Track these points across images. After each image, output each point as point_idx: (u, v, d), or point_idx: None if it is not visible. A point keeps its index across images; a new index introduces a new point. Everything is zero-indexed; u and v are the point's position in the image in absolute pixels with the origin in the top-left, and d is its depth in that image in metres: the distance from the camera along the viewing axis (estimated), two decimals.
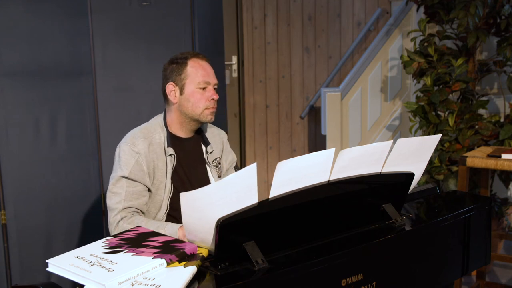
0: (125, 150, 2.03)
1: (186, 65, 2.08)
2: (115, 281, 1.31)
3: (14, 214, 2.85)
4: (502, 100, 3.86)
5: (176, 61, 2.10)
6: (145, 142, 2.04)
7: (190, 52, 2.14)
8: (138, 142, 2.03)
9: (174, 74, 2.09)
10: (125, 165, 2.01)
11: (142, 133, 2.07)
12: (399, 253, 1.70)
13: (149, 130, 2.09)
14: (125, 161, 2.01)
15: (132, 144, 2.03)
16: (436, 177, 3.44)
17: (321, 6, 4.63)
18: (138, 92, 3.15)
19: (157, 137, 2.08)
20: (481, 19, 3.38)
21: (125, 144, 2.04)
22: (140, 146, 2.03)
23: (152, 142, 2.06)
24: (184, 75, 2.07)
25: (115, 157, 2.08)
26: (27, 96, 2.86)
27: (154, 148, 2.06)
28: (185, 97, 2.08)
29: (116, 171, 2.04)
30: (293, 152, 4.81)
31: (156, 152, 2.06)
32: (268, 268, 1.42)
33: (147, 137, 2.06)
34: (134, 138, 2.05)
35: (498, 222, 3.68)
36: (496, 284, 3.27)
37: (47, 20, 2.87)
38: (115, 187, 2.01)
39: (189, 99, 2.07)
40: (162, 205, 2.07)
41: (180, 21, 3.19)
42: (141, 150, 2.02)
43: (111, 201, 2.02)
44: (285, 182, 1.46)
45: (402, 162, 1.72)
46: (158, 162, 2.05)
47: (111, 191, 2.02)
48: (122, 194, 1.99)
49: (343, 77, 4.59)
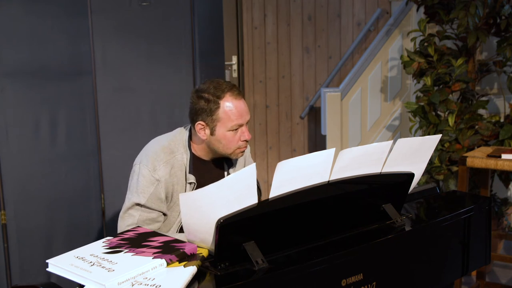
0: (144, 175, 1.93)
1: (219, 107, 1.90)
2: (115, 281, 1.31)
3: (14, 214, 2.85)
4: (502, 100, 3.86)
5: (207, 98, 1.91)
6: (167, 167, 1.95)
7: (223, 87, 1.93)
8: (159, 167, 1.94)
9: (204, 114, 1.92)
10: (142, 192, 1.93)
11: (164, 155, 1.96)
12: (399, 253, 1.70)
13: (172, 150, 1.98)
14: (143, 187, 1.93)
15: (153, 170, 1.93)
16: (436, 177, 3.44)
17: (321, 6, 4.63)
18: (138, 92, 3.15)
19: (179, 158, 1.98)
20: (481, 19, 3.38)
21: (146, 168, 1.94)
22: (161, 173, 1.93)
23: (174, 166, 1.97)
24: (216, 117, 1.91)
25: (133, 175, 1.98)
26: (27, 96, 2.86)
27: (175, 172, 1.97)
28: (216, 138, 1.95)
29: (132, 195, 1.95)
30: (293, 152, 4.81)
31: (176, 176, 1.97)
32: (268, 268, 1.42)
33: (169, 161, 1.96)
34: (156, 161, 1.94)
35: (498, 222, 3.68)
36: (496, 284, 3.27)
37: (47, 20, 2.87)
38: (128, 211, 1.96)
39: (220, 140, 1.95)
40: (172, 226, 2.04)
41: (180, 21, 3.20)
42: (162, 178, 1.94)
43: (124, 222, 1.96)
44: (285, 182, 1.46)
45: (402, 162, 1.72)
46: (177, 186, 1.98)
47: (126, 212, 1.96)
48: (136, 218, 1.94)
49: (343, 77, 4.59)
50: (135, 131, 3.11)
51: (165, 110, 3.16)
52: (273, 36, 4.69)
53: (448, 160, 3.43)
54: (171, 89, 3.18)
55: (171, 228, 2.06)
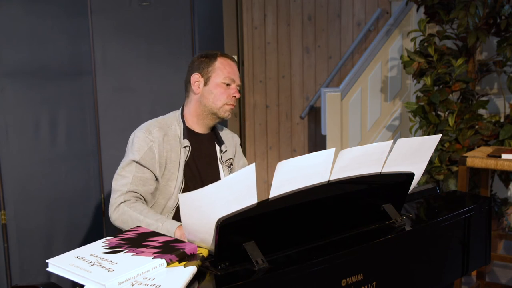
0: (139, 136, 2.06)
1: (216, 60, 2.14)
2: (115, 281, 1.31)
3: (14, 214, 2.85)
4: (502, 100, 3.86)
5: (206, 55, 2.16)
6: (161, 132, 2.08)
7: (220, 52, 2.20)
8: (153, 130, 2.07)
9: (201, 66, 2.14)
10: (137, 150, 2.04)
11: (158, 123, 2.11)
12: (399, 253, 1.70)
13: (166, 122, 2.14)
14: (138, 146, 2.04)
15: (148, 132, 2.06)
16: (436, 177, 3.44)
17: (321, 6, 4.63)
18: (138, 92, 3.15)
19: (173, 129, 2.12)
20: (481, 19, 3.38)
21: (140, 131, 2.08)
22: (155, 135, 2.06)
23: (167, 133, 2.10)
24: (212, 68, 2.13)
25: (129, 143, 2.10)
26: (27, 96, 2.86)
27: (169, 139, 2.09)
28: (208, 89, 2.12)
29: (127, 155, 2.06)
30: (293, 152, 4.81)
31: (170, 143, 2.09)
32: (268, 268, 1.42)
33: (163, 128, 2.10)
34: (150, 127, 2.08)
35: (498, 222, 3.68)
36: (496, 284, 3.27)
37: (47, 20, 2.87)
38: (124, 170, 2.04)
39: (212, 91, 2.12)
40: (172, 196, 2.08)
41: (180, 21, 3.20)
42: (156, 139, 2.06)
43: (117, 183, 2.03)
44: (285, 182, 1.46)
45: (402, 162, 1.72)
46: (171, 153, 2.08)
47: (119, 173, 2.04)
48: (130, 178, 2.01)
49: (343, 77, 4.59)
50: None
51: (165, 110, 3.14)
52: (273, 36, 4.69)
53: (448, 160, 3.43)
54: (171, 89, 3.18)
55: (170, 199, 2.09)
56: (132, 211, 1.94)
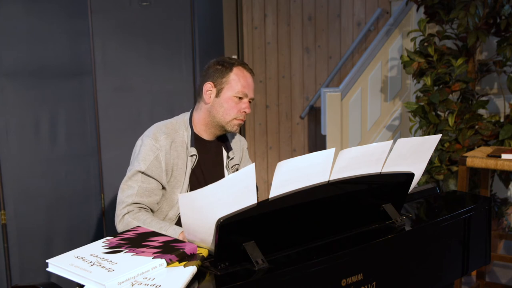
0: (146, 144, 2.02)
1: (231, 70, 2.05)
2: (115, 281, 1.31)
3: (14, 214, 2.85)
4: (502, 100, 3.86)
5: (222, 63, 2.07)
6: (168, 139, 2.03)
7: (238, 60, 2.11)
8: (161, 137, 2.02)
9: (216, 75, 2.06)
10: (143, 159, 2.00)
11: (166, 129, 2.06)
12: (399, 253, 1.70)
13: (174, 127, 2.08)
14: (144, 155, 2.00)
15: (155, 139, 2.02)
16: (436, 177, 3.44)
17: (321, 6, 4.63)
18: (138, 92, 3.15)
19: (181, 135, 2.07)
20: (481, 19, 3.38)
21: (148, 138, 2.03)
22: (162, 142, 2.02)
23: (175, 140, 2.05)
24: (226, 79, 2.05)
25: (135, 149, 2.07)
26: (27, 96, 2.86)
27: (176, 146, 2.05)
28: (219, 101, 2.06)
29: (133, 164, 2.03)
30: (293, 152, 4.81)
31: (177, 150, 2.05)
32: (268, 268, 1.42)
33: (170, 134, 2.05)
34: (158, 133, 2.03)
35: (498, 222, 3.68)
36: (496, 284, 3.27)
37: (47, 20, 2.87)
38: (130, 180, 2.01)
39: (223, 104, 2.05)
40: (177, 204, 2.06)
41: (180, 21, 3.20)
42: (163, 147, 2.01)
43: (123, 193, 2.01)
44: (285, 182, 1.46)
45: (402, 162, 1.72)
46: (178, 160, 2.05)
47: (125, 184, 2.02)
48: (135, 188, 1.99)
49: (343, 77, 4.59)
50: (135, 131, 3.10)
51: (165, 110, 3.16)
52: (273, 36, 4.69)
53: (448, 160, 3.43)
54: (171, 89, 3.19)
55: (173, 207, 2.07)
56: (135, 221, 1.94)
